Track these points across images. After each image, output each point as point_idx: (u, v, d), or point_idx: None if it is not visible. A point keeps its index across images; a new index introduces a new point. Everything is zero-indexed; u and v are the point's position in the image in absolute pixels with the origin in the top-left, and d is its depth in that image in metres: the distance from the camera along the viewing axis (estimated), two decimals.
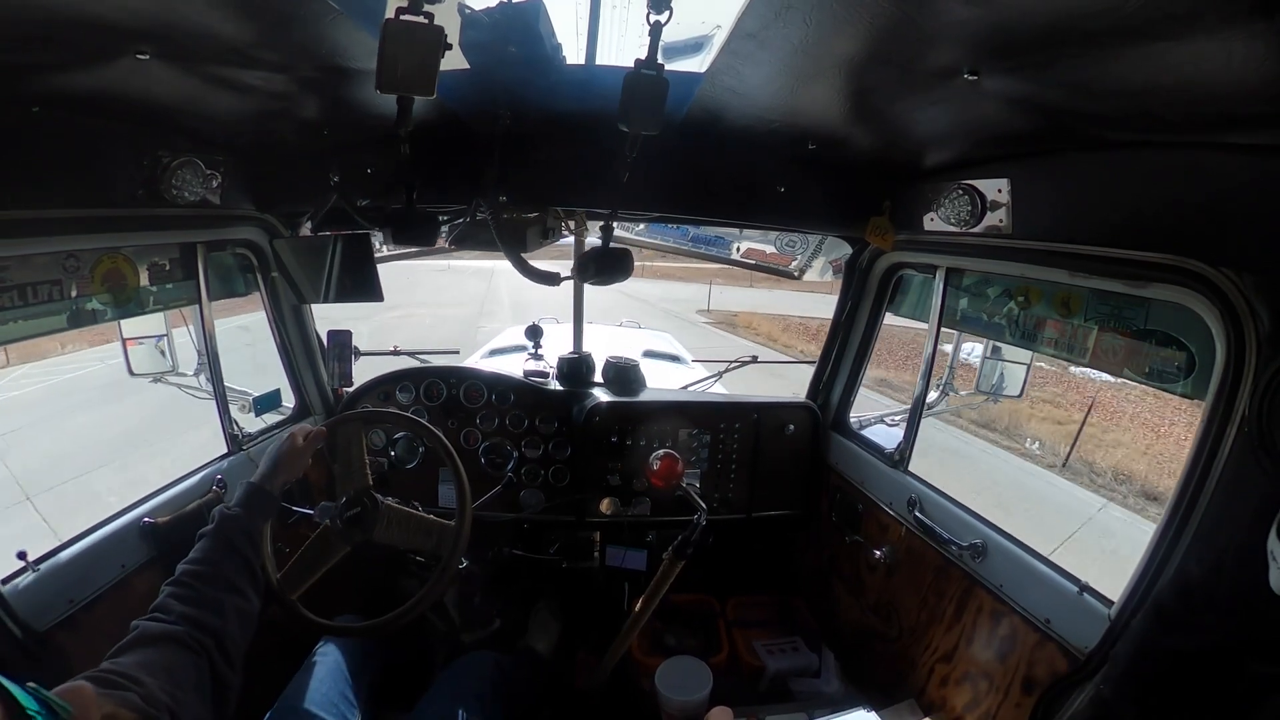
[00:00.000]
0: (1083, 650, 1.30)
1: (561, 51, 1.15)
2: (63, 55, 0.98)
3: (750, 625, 2.27)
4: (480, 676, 1.62)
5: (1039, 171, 1.34)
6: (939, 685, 1.69)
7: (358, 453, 1.61)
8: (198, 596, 1.08)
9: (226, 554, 1.19)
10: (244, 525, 1.25)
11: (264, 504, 1.33)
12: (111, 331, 2.00)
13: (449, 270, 25.78)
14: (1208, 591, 1.04)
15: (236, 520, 1.25)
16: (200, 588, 1.10)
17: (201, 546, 1.19)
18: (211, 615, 1.06)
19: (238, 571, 1.18)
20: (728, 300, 22.10)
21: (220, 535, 1.21)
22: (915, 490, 1.88)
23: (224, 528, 1.22)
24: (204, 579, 1.12)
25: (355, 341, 2.30)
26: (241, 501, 1.30)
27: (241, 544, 1.22)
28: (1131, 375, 1.33)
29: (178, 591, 1.09)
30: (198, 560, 1.16)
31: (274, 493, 1.37)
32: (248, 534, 1.24)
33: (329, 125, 1.56)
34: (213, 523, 1.24)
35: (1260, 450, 0.99)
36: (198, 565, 1.15)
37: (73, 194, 1.29)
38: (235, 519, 1.25)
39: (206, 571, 1.13)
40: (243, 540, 1.22)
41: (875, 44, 0.92)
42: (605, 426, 2.22)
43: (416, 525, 1.58)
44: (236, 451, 1.91)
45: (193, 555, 1.17)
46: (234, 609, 1.12)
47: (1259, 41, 0.67)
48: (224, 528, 1.22)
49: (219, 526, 1.23)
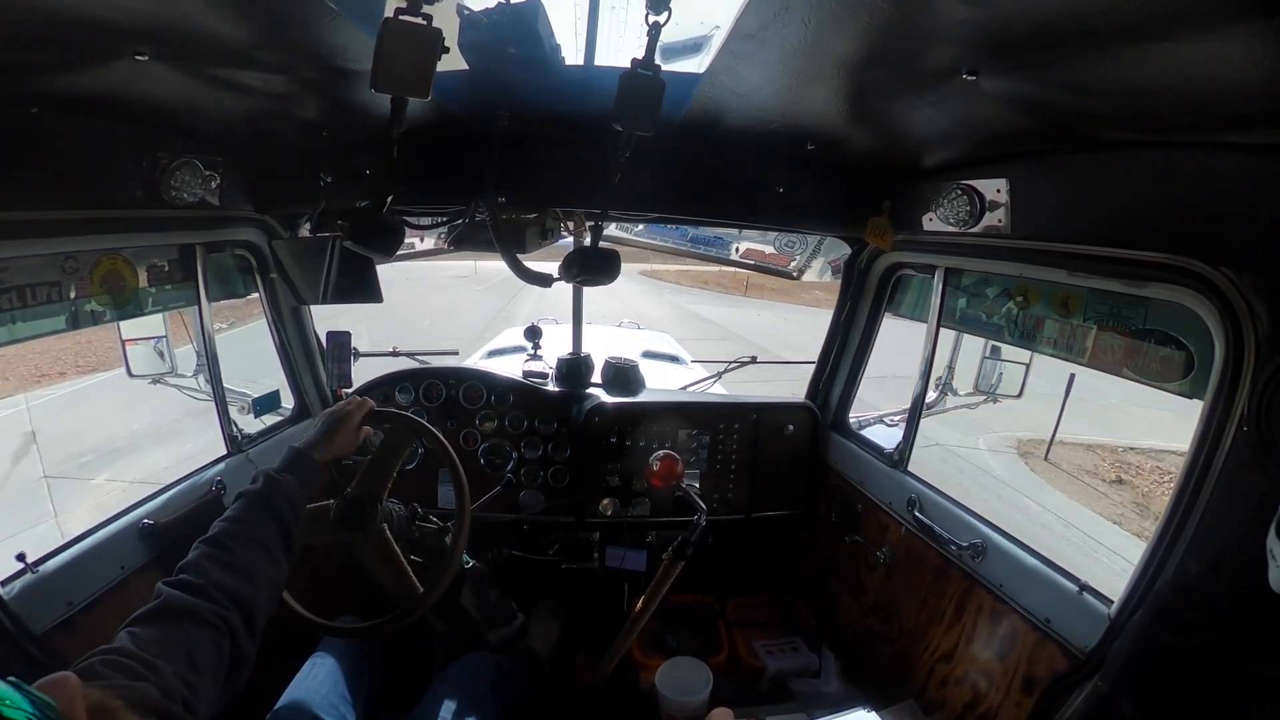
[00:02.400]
0: (1083, 649, 1.30)
1: (560, 52, 1.15)
2: (61, 56, 0.98)
3: (750, 626, 2.26)
4: (479, 677, 1.62)
5: (1038, 171, 1.34)
6: (939, 685, 1.69)
7: (393, 460, 1.58)
8: (232, 560, 1.02)
9: (267, 517, 1.12)
10: (289, 490, 1.18)
11: (309, 472, 1.26)
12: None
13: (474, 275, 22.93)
14: (1207, 590, 1.05)
15: (281, 484, 1.17)
16: (236, 550, 1.04)
17: (241, 505, 1.12)
18: (244, 582, 1.01)
19: (275, 537, 1.11)
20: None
21: (263, 497, 1.15)
22: (915, 490, 1.88)
23: (267, 490, 1.16)
24: (241, 540, 1.06)
25: (355, 343, 2.30)
26: (287, 465, 1.23)
27: (284, 509, 1.15)
28: (1130, 374, 1.33)
29: (211, 552, 1.03)
30: (236, 520, 1.09)
31: (319, 464, 1.30)
32: (291, 500, 1.17)
33: (328, 126, 1.56)
34: (256, 483, 1.18)
35: (1259, 449, 0.99)
36: (235, 525, 1.08)
37: (71, 195, 1.29)
38: (280, 483, 1.17)
39: (244, 533, 1.07)
40: (285, 506, 1.16)
41: (874, 44, 0.92)
42: (605, 427, 2.22)
43: (392, 568, 1.53)
44: (236, 453, 1.91)
45: (231, 513, 1.11)
46: (265, 576, 1.06)
47: (1258, 41, 0.67)
48: (267, 490, 1.16)
49: (263, 489, 1.16)
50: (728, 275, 23.50)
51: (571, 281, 1.62)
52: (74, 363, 10.79)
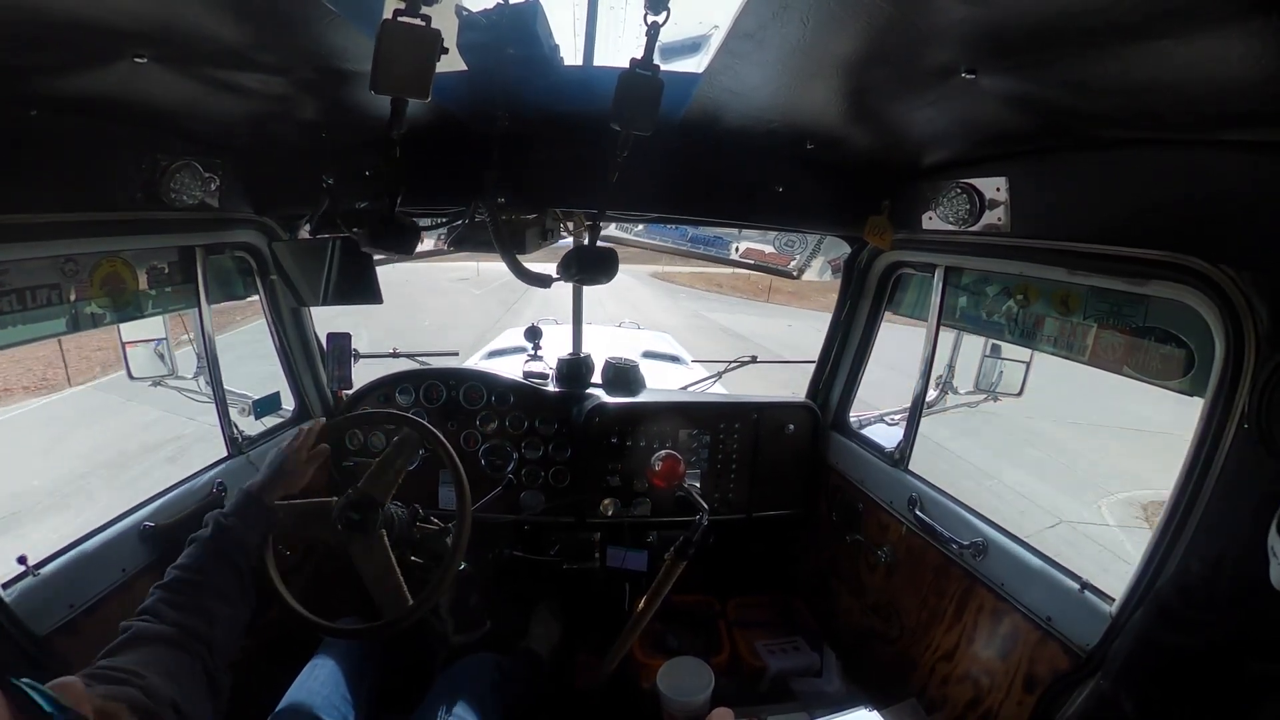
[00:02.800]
0: (1084, 648, 1.30)
1: (559, 53, 1.15)
2: (61, 58, 0.98)
3: (751, 625, 2.26)
4: (480, 678, 1.62)
5: (1037, 170, 1.34)
6: (940, 684, 1.69)
7: (401, 464, 1.58)
8: (187, 603, 1.07)
9: (218, 563, 1.17)
10: (237, 535, 1.23)
11: (258, 515, 1.31)
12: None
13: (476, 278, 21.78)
14: (1208, 588, 1.05)
15: (230, 529, 1.23)
16: (189, 593, 1.09)
17: (192, 553, 1.18)
18: (201, 622, 1.06)
19: (228, 581, 1.16)
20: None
21: (212, 543, 1.20)
22: (915, 489, 1.88)
23: (216, 535, 1.21)
24: (194, 586, 1.11)
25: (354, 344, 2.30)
26: (236, 511, 1.28)
27: (234, 554, 1.20)
28: (1131, 372, 1.33)
29: (167, 596, 1.08)
30: (188, 567, 1.15)
31: (270, 505, 1.35)
32: (240, 543, 1.23)
33: (327, 128, 1.56)
34: (206, 528, 1.23)
35: (1260, 446, 0.99)
36: (187, 572, 1.13)
37: (71, 197, 1.29)
38: (229, 528, 1.23)
39: (197, 580, 1.12)
40: (235, 551, 1.21)
41: (872, 43, 0.92)
42: (605, 427, 2.22)
43: (383, 578, 1.52)
44: (236, 455, 1.91)
45: (183, 560, 1.16)
46: (224, 618, 1.11)
47: (1257, 39, 0.67)
48: (216, 535, 1.21)
49: (212, 535, 1.21)
50: (741, 277, 22.29)
51: (570, 281, 1.63)
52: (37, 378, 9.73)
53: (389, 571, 1.51)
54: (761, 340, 13.29)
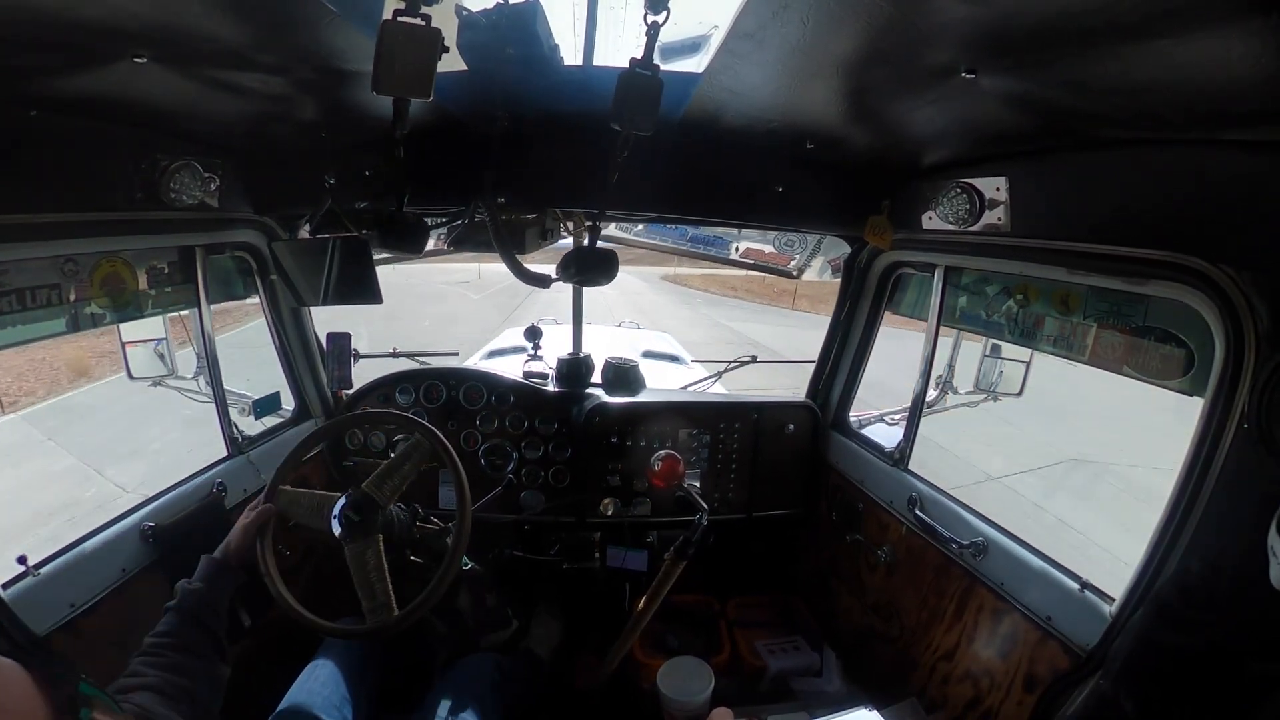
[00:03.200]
0: (1084, 648, 1.30)
1: (559, 53, 1.15)
2: (60, 59, 0.98)
3: (751, 625, 2.27)
4: (480, 678, 1.62)
5: (1037, 170, 1.34)
6: (941, 683, 1.69)
7: (409, 470, 1.59)
8: (167, 663, 1.16)
9: (190, 626, 1.25)
10: (204, 597, 1.31)
11: (223, 576, 1.39)
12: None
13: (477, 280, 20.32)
14: (1208, 588, 1.05)
15: (197, 594, 1.31)
16: (169, 654, 1.18)
17: (166, 620, 1.26)
18: (181, 677, 1.14)
19: (202, 642, 1.25)
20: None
21: (183, 609, 1.27)
22: (915, 489, 1.88)
23: (186, 602, 1.29)
24: (169, 648, 1.19)
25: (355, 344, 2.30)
26: (202, 576, 1.36)
27: (205, 616, 1.28)
28: (1131, 372, 1.33)
29: (147, 659, 1.16)
30: (163, 634, 1.23)
31: (230, 564, 1.42)
32: (210, 605, 1.31)
33: (327, 127, 1.56)
34: (176, 598, 1.30)
35: (1260, 446, 0.99)
36: (164, 638, 1.22)
37: (71, 198, 1.29)
38: (195, 593, 1.31)
39: (173, 643, 1.21)
40: (206, 612, 1.29)
41: (872, 43, 0.92)
42: (605, 427, 2.22)
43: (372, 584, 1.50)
44: (236, 454, 1.91)
45: (158, 629, 1.25)
46: (203, 674, 1.20)
47: (1256, 38, 0.67)
48: (186, 602, 1.29)
49: (180, 601, 1.29)
50: (755, 280, 20.86)
51: (569, 282, 1.63)
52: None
53: (380, 579, 1.49)
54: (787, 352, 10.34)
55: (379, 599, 1.48)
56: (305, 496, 1.57)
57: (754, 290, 22.08)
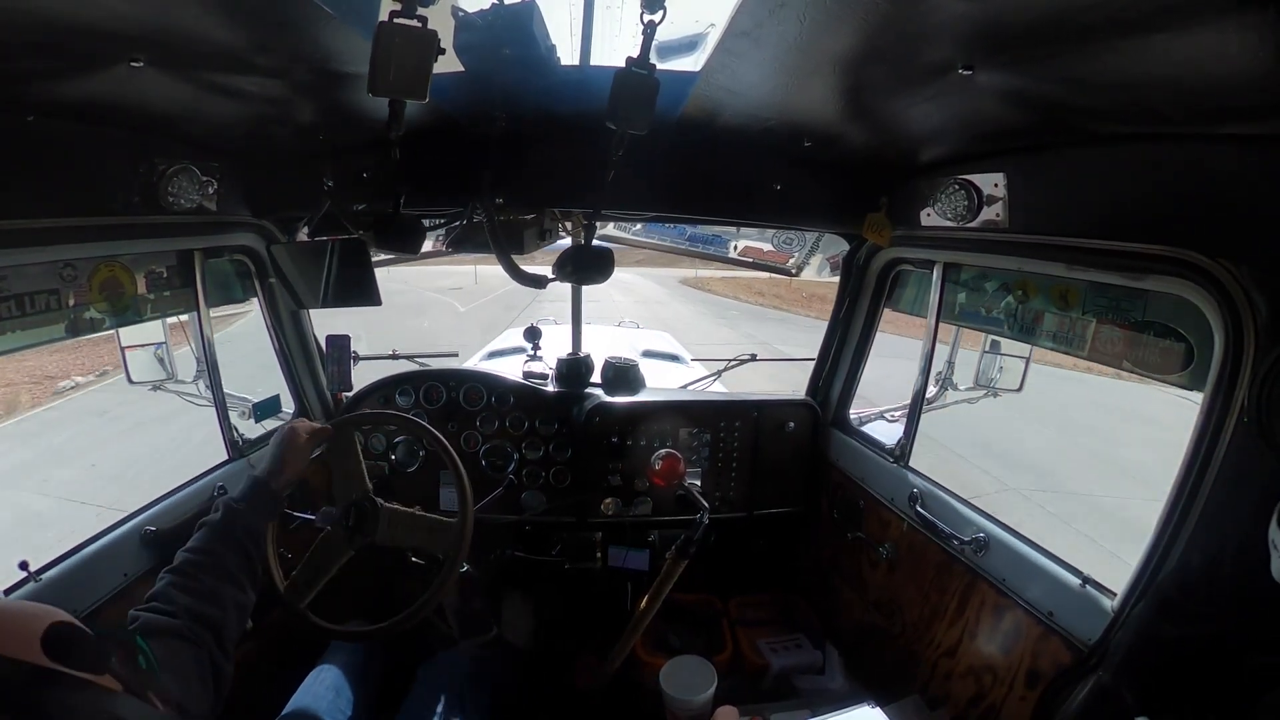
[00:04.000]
0: (1086, 642, 1.31)
1: (556, 53, 1.15)
2: (57, 63, 0.98)
3: (753, 624, 2.27)
4: (455, 673, 1.63)
5: (1035, 165, 1.34)
6: (943, 680, 1.69)
7: (355, 459, 1.60)
8: (198, 587, 1.09)
9: (228, 546, 1.19)
10: (247, 520, 1.25)
11: (267, 501, 1.33)
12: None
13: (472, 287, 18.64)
14: (1209, 582, 1.05)
15: (240, 514, 1.24)
16: (201, 577, 1.11)
17: (203, 536, 1.19)
18: (211, 606, 1.07)
19: (238, 565, 1.18)
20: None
21: (223, 527, 1.21)
22: (916, 485, 1.88)
23: (227, 520, 1.22)
24: (204, 569, 1.12)
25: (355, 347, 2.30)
26: (246, 495, 1.29)
27: (243, 538, 1.22)
28: (1130, 367, 1.33)
29: (178, 580, 1.09)
30: (199, 550, 1.16)
31: (278, 490, 1.36)
32: (249, 529, 1.24)
33: (324, 130, 1.55)
34: (216, 512, 1.24)
35: (1260, 440, 0.99)
36: (199, 555, 1.15)
37: (69, 202, 1.29)
38: (239, 513, 1.24)
39: (207, 561, 1.14)
40: (244, 534, 1.23)
41: (869, 40, 0.92)
42: (605, 427, 2.22)
43: (418, 524, 1.57)
44: (237, 458, 1.91)
45: (193, 544, 1.17)
46: (233, 601, 1.12)
47: (1253, 33, 0.67)
48: (227, 520, 1.22)
49: (223, 518, 1.23)
50: (782, 284, 18.27)
51: (566, 281, 1.63)
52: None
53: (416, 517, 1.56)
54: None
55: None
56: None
57: (781, 295, 19.43)
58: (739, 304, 19.43)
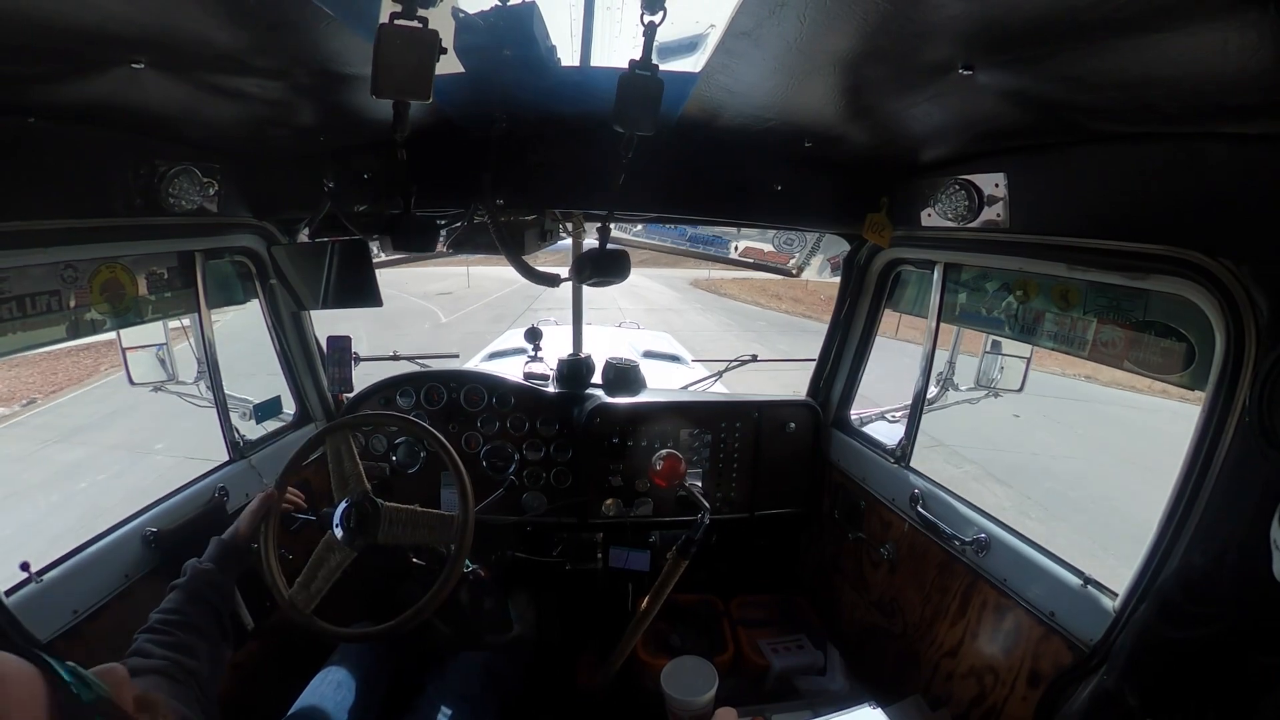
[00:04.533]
0: (1087, 643, 1.30)
1: (556, 53, 1.15)
2: (58, 66, 0.98)
3: (755, 624, 2.26)
4: (468, 678, 1.63)
5: (1035, 165, 1.34)
6: (944, 680, 1.69)
7: (350, 461, 1.60)
8: (174, 641, 1.14)
9: (197, 605, 1.24)
10: (213, 578, 1.30)
11: (230, 556, 1.38)
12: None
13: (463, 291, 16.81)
14: (1211, 582, 1.04)
15: (206, 573, 1.30)
16: (175, 633, 1.16)
17: (173, 598, 1.25)
18: (188, 658, 1.13)
19: (208, 621, 1.24)
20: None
21: (191, 587, 1.27)
22: (918, 486, 1.88)
23: (195, 580, 1.28)
24: (178, 626, 1.18)
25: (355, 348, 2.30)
26: (212, 556, 1.35)
27: (211, 596, 1.27)
28: (1131, 367, 1.33)
29: (154, 637, 1.14)
30: (170, 610, 1.21)
31: (240, 545, 1.41)
32: (217, 586, 1.30)
33: (325, 131, 1.56)
34: (185, 575, 1.29)
35: (1261, 439, 0.99)
36: (171, 614, 1.20)
37: (70, 204, 1.29)
38: (205, 572, 1.30)
39: (179, 620, 1.19)
40: (212, 593, 1.28)
41: (869, 40, 0.92)
42: (606, 428, 2.22)
43: (419, 521, 1.57)
44: (238, 459, 1.91)
45: (165, 605, 1.23)
46: (206, 655, 1.18)
47: (1253, 31, 0.67)
48: (195, 580, 1.28)
49: (190, 579, 1.28)
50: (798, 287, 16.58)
51: (583, 283, 1.63)
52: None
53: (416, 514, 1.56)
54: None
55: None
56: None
57: (800, 299, 17.20)
58: (762, 311, 16.73)
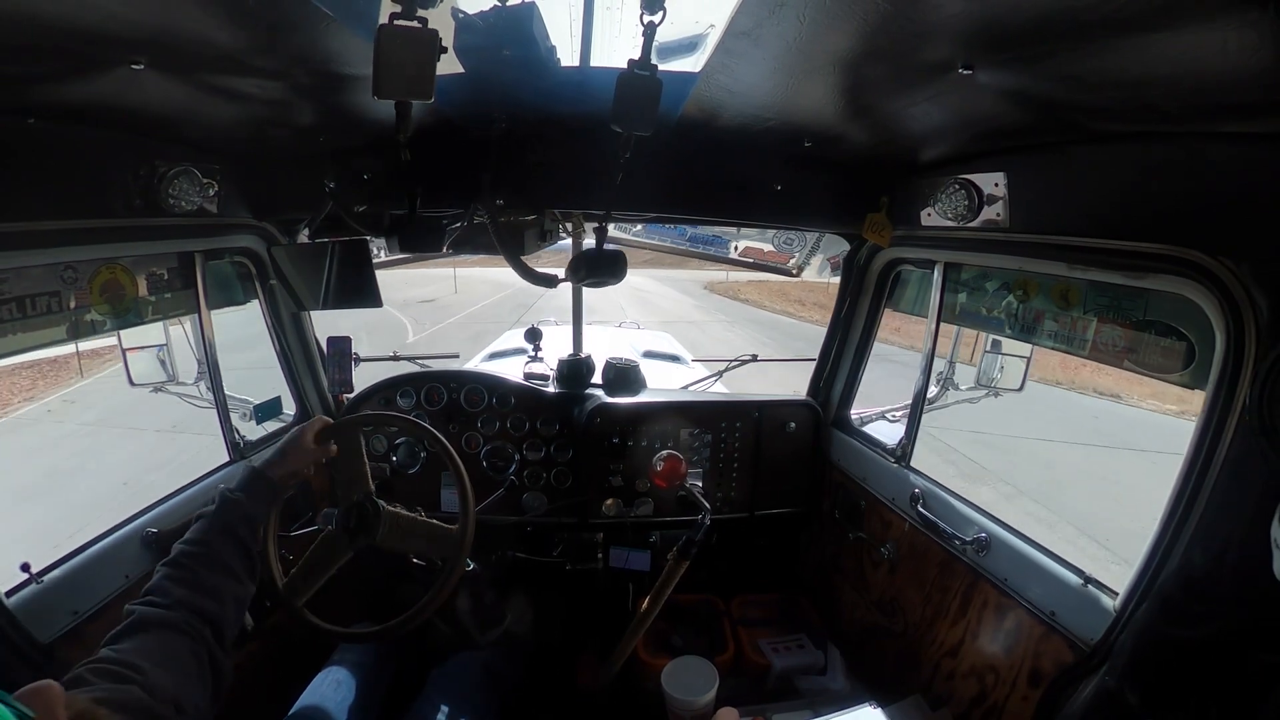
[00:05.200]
0: (1088, 642, 1.30)
1: (556, 54, 1.15)
2: (57, 67, 0.98)
3: (755, 624, 2.27)
4: (467, 678, 1.63)
5: (1035, 165, 1.34)
6: (945, 680, 1.69)
7: (358, 459, 1.60)
8: (195, 580, 1.06)
9: (224, 538, 1.16)
10: (245, 510, 1.22)
11: (264, 491, 1.30)
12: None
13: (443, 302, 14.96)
14: (1212, 581, 1.04)
15: (237, 504, 1.22)
16: (197, 570, 1.08)
17: (199, 528, 1.16)
18: (208, 600, 1.04)
19: (234, 556, 1.15)
20: None
21: (219, 518, 1.19)
22: (918, 485, 1.87)
23: (224, 511, 1.20)
24: (201, 561, 1.10)
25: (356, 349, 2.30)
26: (242, 486, 1.27)
27: (240, 529, 1.19)
28: (1131, 366, 1.33)
29: (174, 574, 1.06)
30: (195, 541, 1.13)
31: (275, 481, 1.34)
32: (248, 519, 1.22)
33: (325, 131, 1.56)
34: (212, 504, 1.22)
35: (1261, 438, 0.99)
36: (195, 547, 1.12)
37: (70, 205, 1.29)
38: (236, 503, 1.22)
39: (203, 554, 1.11)
40: (242, 525, 1.20)
41: (869, 40, 0.92)
42: (606, 428, 2.22)
43: (418, 530, 1.57)
44: (238, 459, 1.91)
45: (190, 536, 1.15)
46: (230, 594, 1.10)
47: (1253, 30, 0.67)
48: (224, 511, 1.20)
49: (219, 509, 1.20)
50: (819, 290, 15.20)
51: (579, 284, 1.62)
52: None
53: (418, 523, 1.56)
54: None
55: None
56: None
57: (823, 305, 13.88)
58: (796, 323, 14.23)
